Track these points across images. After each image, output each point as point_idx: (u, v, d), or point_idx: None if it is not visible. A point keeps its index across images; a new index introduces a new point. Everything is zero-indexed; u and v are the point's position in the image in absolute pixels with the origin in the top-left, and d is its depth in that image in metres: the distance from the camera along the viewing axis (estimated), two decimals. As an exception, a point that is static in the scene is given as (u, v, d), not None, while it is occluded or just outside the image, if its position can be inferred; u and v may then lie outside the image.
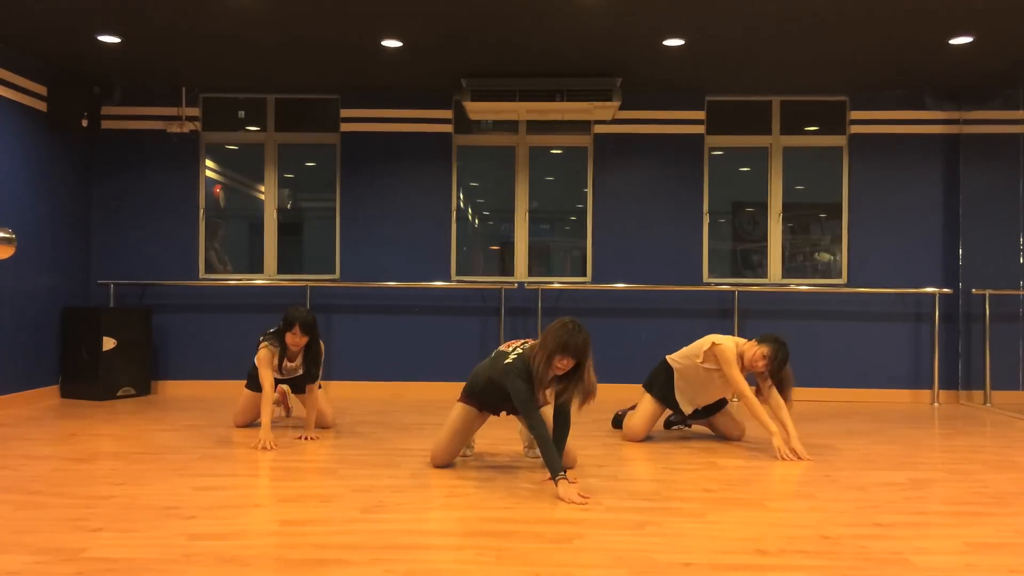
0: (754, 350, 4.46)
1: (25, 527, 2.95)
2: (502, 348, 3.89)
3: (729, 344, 4.55)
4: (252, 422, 5.12)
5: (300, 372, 4.84)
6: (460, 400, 4.05)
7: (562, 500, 3.34)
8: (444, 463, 4.02)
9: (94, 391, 6.33)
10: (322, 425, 5.09)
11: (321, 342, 4.85)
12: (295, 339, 4.62)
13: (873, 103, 6.90)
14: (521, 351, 3.72)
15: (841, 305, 6.89)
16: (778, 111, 7.03)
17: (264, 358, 4.67)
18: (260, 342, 4.76)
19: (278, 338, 4.69)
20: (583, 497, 3.35)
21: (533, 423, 3.54)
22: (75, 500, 3.33)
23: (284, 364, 4.75)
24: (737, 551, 2.76)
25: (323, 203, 7.25)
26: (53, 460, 4.11)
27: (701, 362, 4.64)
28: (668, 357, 4.89)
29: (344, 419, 5.51)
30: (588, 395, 3.58)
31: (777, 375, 4.44)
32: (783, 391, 4.46)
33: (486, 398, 3.93)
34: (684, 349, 4.83)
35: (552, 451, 3.50)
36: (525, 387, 3.59)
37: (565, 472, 3.49)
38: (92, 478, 3.72)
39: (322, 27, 5.37)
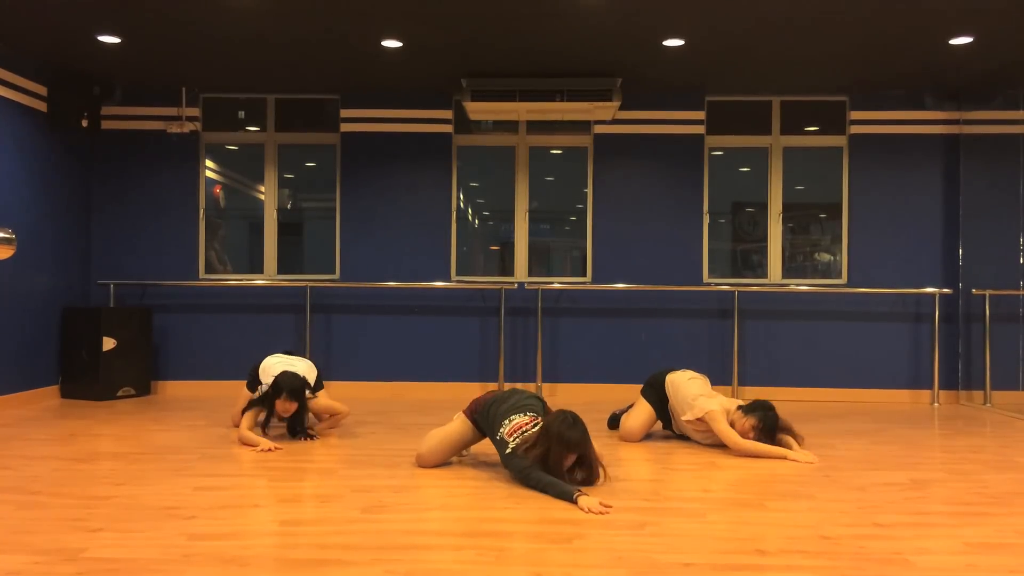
0: (743, 422, 4.43)
1: (25, 527, 2.95)
2: (504, 435, 3.76)
3: (718, 410, 4.50)
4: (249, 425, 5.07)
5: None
6: (464, 414, 4.06)
7: (587, 512, 3.22)
8: (430, 466, 4.02)
9: (94, 391, 6.33)
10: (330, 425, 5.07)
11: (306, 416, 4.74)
12: (284, 406, 4.54)
13: (873, 103, 6.90)
14: (519, 440, 3.67)
15: (841, 305, 6.89)
16: (778, 111, 7.03)
17: (248, 418, 4.57)
18: (246, 408, 4.64)
19: (267, 403, 4.57)
20: (605, 506, 3.26)
21: (536, 484, 3.52)
22: (75, 500, 3.33)
23: (266, 426, 4.66)
24: (737, 551, 2.76)
25: (323, 203, 7.25)
26: (53, 460, 4.11)
27: (686, 419, 4.65)
28: (668, 380, 4.83)
29: (344, 419, 5.50)
30: (594, 469, 3.68)
31: (771, 441, 4.41)
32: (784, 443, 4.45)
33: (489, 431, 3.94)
34: (683, 387, 4.73)
35: (558, 486, 3.44)
36: (520, 463, 3.60)
37: (580, 489, 3.41)
38: (92, 478, 3.72)
39: (322, 27, 5.37)
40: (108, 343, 6.34)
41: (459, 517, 3.14)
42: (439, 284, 6.88)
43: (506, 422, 3.77)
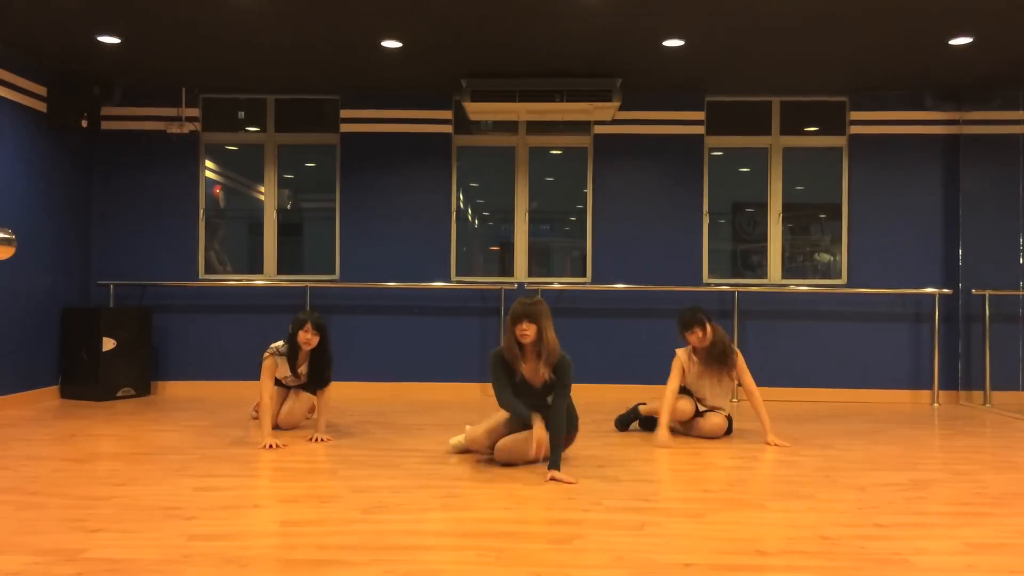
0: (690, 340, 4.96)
1: (25, 528, 2.95)
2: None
3: (678, 354, 5.01)
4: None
5: (305, 380, 4.84)
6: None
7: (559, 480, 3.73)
8: (478, 448, 4.22)
9: (94, 391, 6.33)
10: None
11: (329, 349, 4.82)
12: (307, 336, 4.64)
13: (873, 103, 6.90)
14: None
15: (841, 306, 6.89)
16: (778, 111, 7.03)
17: (267, 367, 4.65)
18: (265, 356, 4.70)
19: (288, 344, 4.67)
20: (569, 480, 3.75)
21: (507, 408, 3.99)
22: (75, 500, 3.33)
23: (295, 370, 4.72)
24: (737, 552, 2.76)
25: (323, 203, 7.25)
26: (53, 460, 4.11)
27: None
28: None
29: (344, 420, 5.51)
30: (552, 353, 3.92)
31: (702, 331, 4.91)
32: (727, 362, 4.86)
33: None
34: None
35: (518, 411, 3.95)
36: (499, 381, 4.01)
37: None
38: (92, 478, 3.72)
39: (322, 27, 5.37)
40: (108, 343, 6.34)
41: (459, 518, 3.14)
42: (439, 284, 6.88)
43: None
